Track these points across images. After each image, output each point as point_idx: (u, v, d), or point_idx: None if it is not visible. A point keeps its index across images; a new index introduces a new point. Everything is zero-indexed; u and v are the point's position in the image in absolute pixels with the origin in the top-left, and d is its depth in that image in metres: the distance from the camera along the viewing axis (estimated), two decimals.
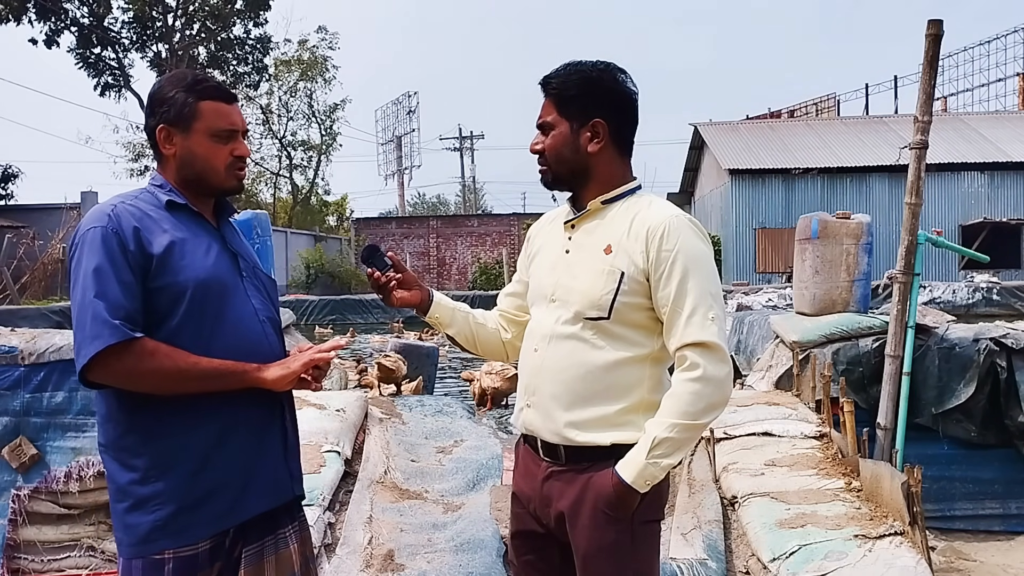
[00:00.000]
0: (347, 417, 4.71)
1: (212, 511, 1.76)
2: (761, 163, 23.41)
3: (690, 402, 1.74)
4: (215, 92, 1.86)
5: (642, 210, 1.86)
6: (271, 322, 1.93)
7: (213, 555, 1.77)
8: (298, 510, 2.00)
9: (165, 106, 1.83)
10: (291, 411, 1.97)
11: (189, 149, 1.84)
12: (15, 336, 3.76)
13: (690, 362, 1.76)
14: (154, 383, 1.70)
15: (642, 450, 1.75)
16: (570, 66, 1.89)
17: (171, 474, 1.73)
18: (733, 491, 3.81)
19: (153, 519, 1.72)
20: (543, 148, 1.91)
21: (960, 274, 19.96)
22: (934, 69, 4.58)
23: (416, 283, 2.07)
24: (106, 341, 1.64)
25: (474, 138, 45.95)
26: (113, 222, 1.73)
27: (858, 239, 5.95)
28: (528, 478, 1.96)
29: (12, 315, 11.06)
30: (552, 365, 1.87)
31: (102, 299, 1.66)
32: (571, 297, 1.86)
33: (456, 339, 2.14)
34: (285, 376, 1.80)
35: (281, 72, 36.31)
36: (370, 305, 20.12)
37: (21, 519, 3.54)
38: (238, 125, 1.89)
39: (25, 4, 27.45)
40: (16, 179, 25.71)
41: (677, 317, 1.78)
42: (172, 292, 1.74)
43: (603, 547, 1.81)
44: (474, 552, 3.37)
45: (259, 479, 1.83)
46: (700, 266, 1.80)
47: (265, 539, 1.87)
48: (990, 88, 34.83)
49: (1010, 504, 5.14)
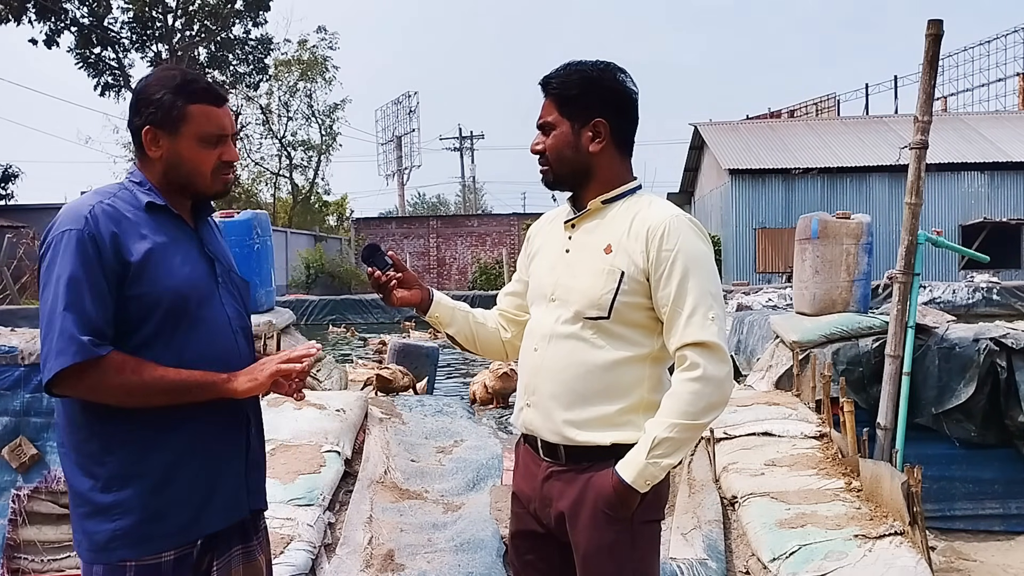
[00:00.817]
0: (347, 417, 4.71)
1: (173, 524, 1.71)
2: (761, 163, 23.41)
3: (690, 402, 1.74)
4: (205, 95, 1.78)
5: (642, 210, 1.86)
6: (243, 331, 1.89)
7: (178, 566, 1.73)
8: (262, 520, 1.97)
9: (152, 107, 1.75)
10: (257, 422, 1.92)
11: (176, 153, 1.77)
12: (15, 336, 3.76)
13: (690, 362, 1.76)
14: (120, 398, 1.66)
15: (642, 450, 1.75)
16: (570, 66, 1.89)
17: (132, 485, 1.68)
18: (733, 491, 3.81)
19: (113, 528, 1.67)
20: (544, 148, 1.91)
21: (960, 274, 19.96)
22: (934, 69, 4.58)
23: (416, 282, 2.07)
24: (71, 359, 1.59)
25: (474, 138, 46.00)
26: (90, 225, 1.66)
27: (858, 239, 5.95)
28: (528, 478, 1.96)
29: (12, 315, 11.06)
30: (552, 364, 1.87)
31: (72, 311, 1.61)
32: (571, 296, 1.86)
33: (456, 339, 2.13)
34: (254, 387, 1.75)
35: (281, 72, 36.30)
36: (370, 305, 20.12)
37: (21, 519, 3.54)
38: (227, 129, 1.82)
39: (25, 4, 27.45)
40: (16, 179, 25.79)
41: (677, 317, 1.78)
42: (147, 301, 1.69)
43: (603, 547, 1.81)
44: (474, 552, 3.37)
45: (218, 497, 1.78)
46: (700, 266, 1.80)
47: (233, 551, 1.85)
48: (990, 88, 34.87)
49: (1010, 504, 5.14)
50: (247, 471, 1.87)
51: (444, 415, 5.98)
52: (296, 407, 4.47)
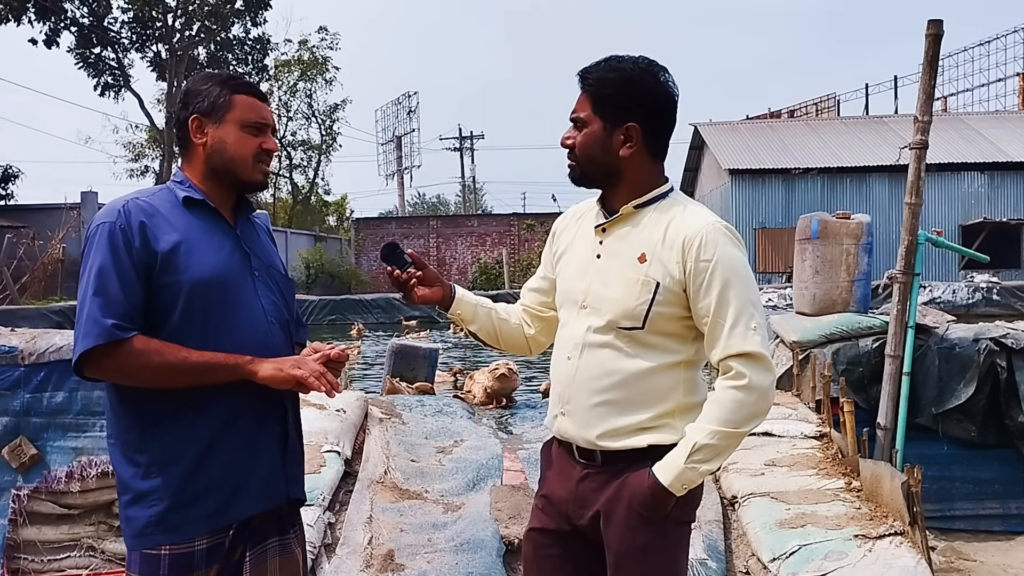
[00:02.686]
0: (347, 417, 4.72)
1: (205, 509, 1.77)
2: (761, 163, 23.41)
3: (733, 410, 1.74)
4: (248, 88, 1.92)
5: (676, 217, 1.83)
6: (280, 323, 1.92)
7: (210, 555, 1.78)
8: (299, 515, 2.01)
9: (200, 98, 1.88)
10: (295, 414, 1.97)
11: (220, 139, 1.87)
12: (15, 336, 3.75)
13: (735, 371, 1.75)
14: (145, 378, 1.74)
15: (681, 454, 1.74)
16: (611, 61, 1.84)
17: (168, 470, 1.76)
18: (733, 491, 3.81)
19: (149, 514, 1.75)
20: (574, 144, 1.87)
21: (960, 274, 19.97)
22: (934, 69, 4.58)
23: (437, 279, 2.05)
24: (94, 341, 1.69)
25: (474, 138, 45.92)
26: (122, 218, 1.76)
27: (858, 239, 5.95)
28: (563, 479, 1.93)
29: (12, 315, 11.07)
30: (586, 374, 1.85)
31: (100, 296, 1.71)
32: (603, 306, 1.83)
33: (478, 335, 2.11)
34: (277, 376, 1.79)
35: (281, 72, 36.30)
36: (370, 305, 20.14)
37: (21, 519, 3.54)
38: (268, 120, 1.93)
39: (25, 4, 27.44)
40: (16, 179, 25.74)
41: (720, 328, 1.76)
42: (174, 289, 1.76)
43: (636, 547, 1.80)
44: (474, 552, 3.37)
45: (252, 481, 1.83)
46: (739, 275, 1.78)
47: (268, 542, 1.88)
48: (990, 88, 34.87)
49: (1010, 504, 5.14)
50: (284, 460, 1.91)
51: (444, 415, 5.99)
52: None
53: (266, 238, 2.04)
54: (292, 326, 1.99)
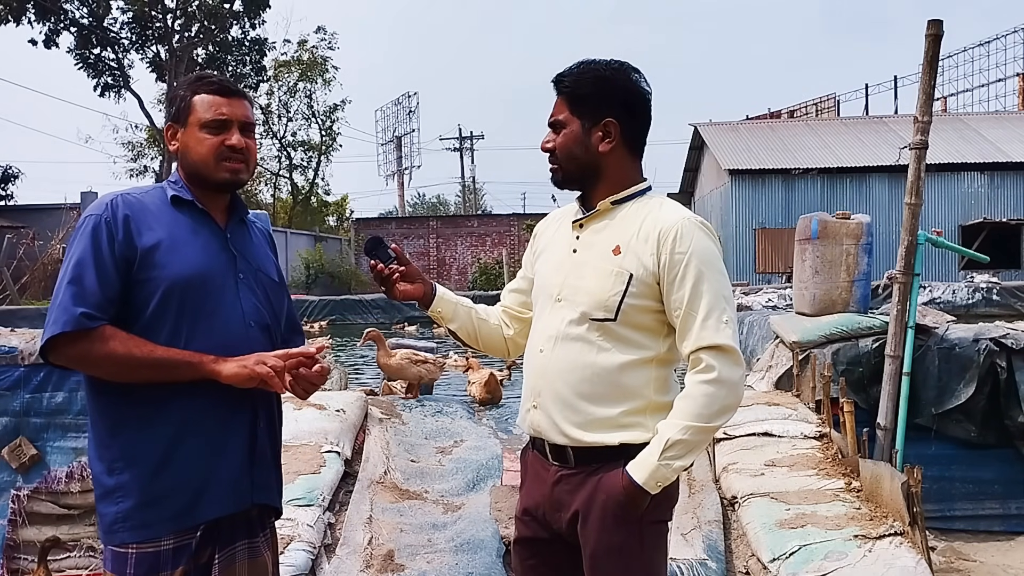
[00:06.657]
0: (347, 417, 4.72)
1: (170, 509, 1.77)
2: (761, 163, 23.40)
3: (704, 404, 1.74)
4: (209, 86, 1.89)
5: (652, 211, 1.85)
6: (260, 327, 1.89)
7: (176, 556, 1.76)
8: (271, 519, 1.99)
9: (172, 104, 1.91)
10: (267, 418, 1.92)
11: (185, 142, 1.88)
12: (15, 336, 3.75)
13: (705, 364, 1.76)
14: (108, 369, 1.74)
15: (655, 451, 1.75)
16: (583, 64, 1.88)
17: (133, 468, 1.76)
18: (733, 491, 3.81)
19: (116, 510, 1.76)
20: (554, 146, 1.90)
21: (960, 274, 19.94)
22: (934, 69, 4.58)
23: (419, 276, 2.05)
24: (61, 328, 1.70)
25: (474, 138, 45.91)
26: (108, 212, 1.78)
27: (858, 239, 5.95)
28: (538, 484, 1.94)
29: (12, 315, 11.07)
30: (558, 366, 1.86)
31: (74, 285, 1.73)
32: (577, 297, 1.85)
33: (458, 334, 2.12)
34: (240, 373, 1.76)
35: (281, 73, 36.29)
36: (369, 305, 20.12)
37: (21, 519, 3.53)
38: (228, 115, 1.87)
39: (25, 4, 27.44)
40: (16, 179, 25.78)
41: (692, 320, 1.77)
42: (151, 286, 1.77)
43: (612, 547, 1.81)
44: (474, 552, 3.37)
45: (217, 484, 1.81)
46: (713, 269, 1.80)
47: (237, 545, 1.86)
48: (990, 88, 34.85)
49: (1010, 504, 5.14)
50: (252, 464, 1.87)
51: (444, 415, 5.98)
52: (296, 407, 4.48)
53: (262, 243, 2.02)
54: (276, 331, 1.95)
